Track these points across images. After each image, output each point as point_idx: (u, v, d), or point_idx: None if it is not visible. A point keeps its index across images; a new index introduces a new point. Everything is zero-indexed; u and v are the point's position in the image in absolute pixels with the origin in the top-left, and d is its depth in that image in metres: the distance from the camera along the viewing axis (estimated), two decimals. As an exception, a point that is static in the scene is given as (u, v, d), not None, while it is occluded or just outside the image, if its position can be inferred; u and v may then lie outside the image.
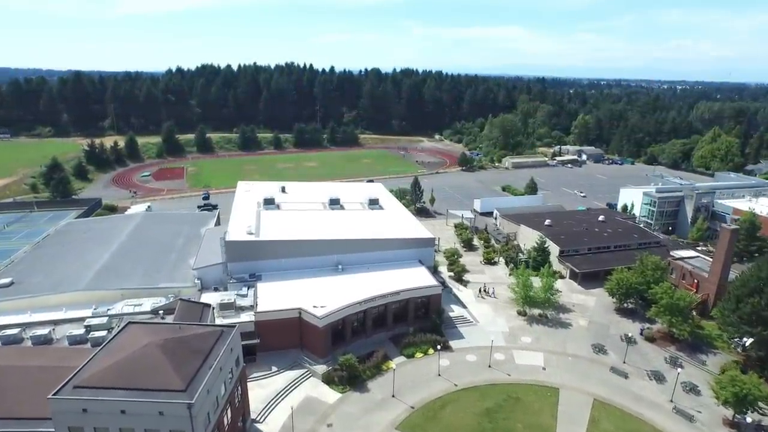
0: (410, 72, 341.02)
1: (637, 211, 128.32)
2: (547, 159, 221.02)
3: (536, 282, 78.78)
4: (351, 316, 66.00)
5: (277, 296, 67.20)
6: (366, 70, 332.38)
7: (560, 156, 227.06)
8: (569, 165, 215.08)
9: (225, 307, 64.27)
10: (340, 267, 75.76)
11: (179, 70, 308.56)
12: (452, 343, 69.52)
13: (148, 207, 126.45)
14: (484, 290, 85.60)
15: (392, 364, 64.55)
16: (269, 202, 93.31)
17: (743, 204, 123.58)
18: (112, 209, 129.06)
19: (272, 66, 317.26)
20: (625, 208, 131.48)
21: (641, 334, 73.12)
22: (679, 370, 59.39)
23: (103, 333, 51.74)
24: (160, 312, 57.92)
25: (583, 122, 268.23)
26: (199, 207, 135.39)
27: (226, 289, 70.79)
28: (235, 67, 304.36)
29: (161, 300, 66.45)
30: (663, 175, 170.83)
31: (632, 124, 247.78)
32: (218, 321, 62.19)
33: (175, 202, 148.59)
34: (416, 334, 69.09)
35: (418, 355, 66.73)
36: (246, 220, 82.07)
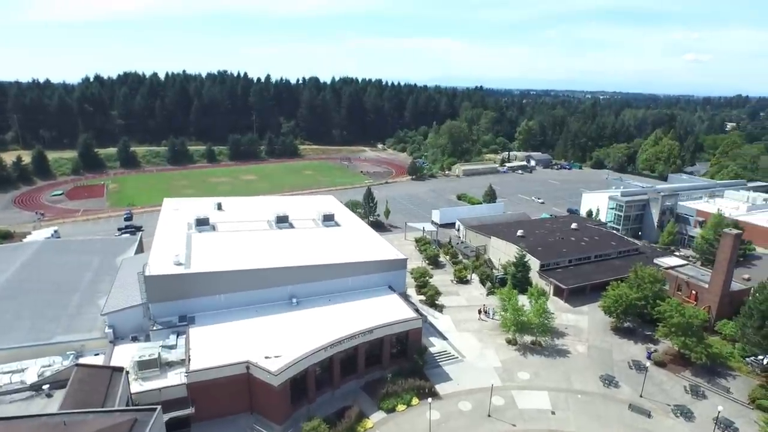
0: (350, 80, 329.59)
1: (602, 217, 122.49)
2: (497, 165, 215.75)
3: (524, 303, 68.14)
4: (314, 366, 51.88)
5: (216, 345, 51.88)
6: (304, 79, 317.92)
7: (509, 162, 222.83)
8: (519, 171, 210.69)
9: (145, 365, 48.27)
10: (294, 301, 61.40)
11: (98, 77, 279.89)
12: (439, 387, 56.95)
13: (55, 232, 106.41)
14: (484, 311, 75.03)
15: (370, 422, 50.99)
16: (202, 223, 76.97)
17: (703, 205, 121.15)
18: (5, 236, 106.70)
19: (203, 75, 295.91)
20: (590, 213, 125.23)
21: (649, 358, 63.73)
22: (720, 407, 49.82)
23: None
24: (45, 387, 41.09)
25: (527, 128, 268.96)
26: (120, 229, 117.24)
27: (147, 339, 54.61)
28: (162, 76, 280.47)
29: (56, 361, 49.60)
30: (622, 177, 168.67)
31: (575, 130, 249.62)
32: (135, 387, 46.49)
33: (91, 224, 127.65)
34: (395, 380, 55.86)
35: (401, 407, 53.50)
36: (173, 247, 65.71)
